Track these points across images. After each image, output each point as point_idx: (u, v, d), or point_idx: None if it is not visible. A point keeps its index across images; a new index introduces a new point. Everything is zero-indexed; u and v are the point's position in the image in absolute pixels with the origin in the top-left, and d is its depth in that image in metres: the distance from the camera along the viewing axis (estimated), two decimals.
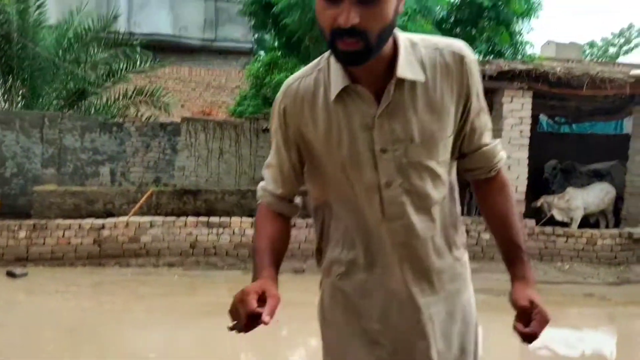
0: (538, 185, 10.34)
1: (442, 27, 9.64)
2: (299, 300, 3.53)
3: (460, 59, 1.36)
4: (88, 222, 7.51)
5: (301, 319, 5.88)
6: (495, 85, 8.75)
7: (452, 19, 9.79)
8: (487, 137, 1.47)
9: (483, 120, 1.45)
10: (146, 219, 7.68)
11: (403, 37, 1.34)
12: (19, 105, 11.37)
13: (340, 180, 1.38)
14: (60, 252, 7.26)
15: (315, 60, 1.42)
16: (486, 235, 8.28)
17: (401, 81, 1.30)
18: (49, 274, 6.92)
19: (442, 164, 1.39)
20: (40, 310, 5.69)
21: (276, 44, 8.96)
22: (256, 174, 10.69)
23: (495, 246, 1.52)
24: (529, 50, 9.99)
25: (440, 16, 8.56)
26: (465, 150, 1.45)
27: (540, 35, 68.18)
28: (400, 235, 1.36)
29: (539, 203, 9.19)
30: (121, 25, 14.23)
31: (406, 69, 1.29)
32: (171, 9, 17.11)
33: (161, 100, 12.27)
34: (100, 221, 7.55)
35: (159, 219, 7.70)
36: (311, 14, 7.79)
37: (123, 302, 6.23)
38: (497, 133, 8.79)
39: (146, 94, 12.28)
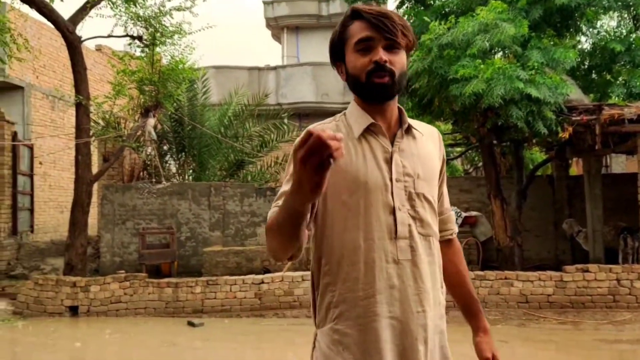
0: None
1: (575, 75, 9.64)
2: None
3: (437, 133, 1.73)
4: (250, 277, 8.56)
5: None
6: (637, 128, 8.52)
7: (584, 66, 9.74)
8: (448, 204, 1.78)
9: (445, 187, 1.76)
10: (298, 273, 8.54)
11: None
12: (190, 177, 13.19)
13: (351, 204, 1.52)
14: (228, 305, 8.35)
15: (330, 118, 1.68)
16: None
17: (408, 130, 1.62)
18: (220, 324, 8.00)
19: (435, 204, 1.63)
20: (213, 356, 6.65)
21: (410, 105, 9.57)
22: None
23: None
24: None
25: (571, 65, 8.61)
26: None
27: None
28: (406, 253, 1.52)
29: None
30: (270, 98, 15.86)
31: (410, 122, 1.64)
32: (313, 79, 18.55)
33: None
34: (260, 277, 8.56)
35: (309, 273, 8.48)
36: (437, 79, 8.36)
37: (281, 349, 7.01)
38: None
39: None
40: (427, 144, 1.66)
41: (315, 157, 1.11)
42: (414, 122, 1.66)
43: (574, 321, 7.61)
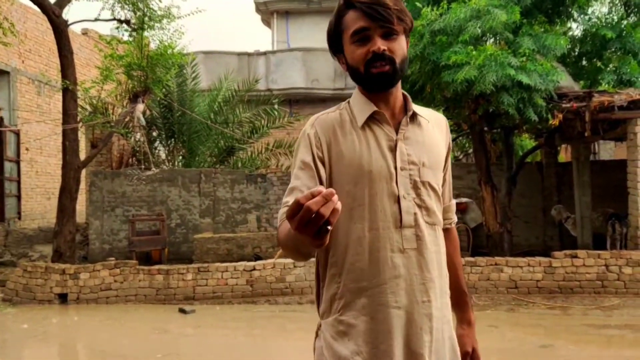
0: None
1: (566, 62, 9.65)
2: None
3: (444, 120, 1.71)
4: (241, 264, 8.55)
5: None
6: (628, 115, 8.58)
7: (575, 53, 9.76)
8: (451, 192, 1.75)
9: (450, 175, 1.72)
10: (290, 260, 8.53)
11: None
12: (180, 164, 13.10)
13: (355, 193, 1.51)
14: (220, 292, 8.34)
15: (335, 106, 1.65)
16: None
17: (413, 117, 1.59)
18: (211, 310, 8.00)
19: (440, 192, 1.62)
20: (205, 342, 6.66)
21: None
22: None
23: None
24: None
25: (562, 52, 8.61)
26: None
27: None
28: (412, 242, 1.50)
29: None
30: (260, 84, 15.75)
31: (416, 109, 1.61)
32: (304, 64, 18.41)
33: None
34: (251, 263, 8.55)
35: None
36: (430, 65, 8.34)
37: (272, 335, 7.03)
38: (633, 164, 8.55)
39: (285, 146, 13.50)
40: (433, 131, 1.63)
41: (311, 227, 1.06)
42: (419, 109, 1.64)
43: (562, 306, 7.69)
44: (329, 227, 1.07)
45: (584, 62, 9.98)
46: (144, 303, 8.32)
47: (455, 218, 1.78)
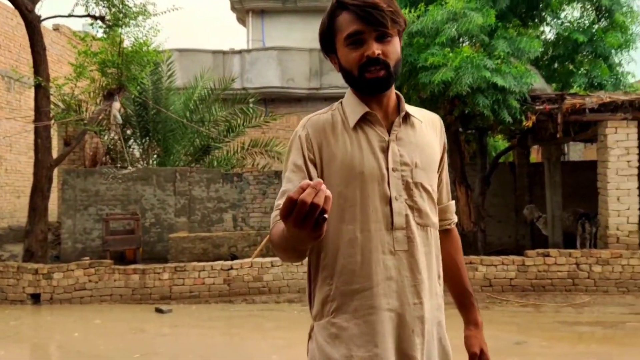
0: None
1: (539, 65, 9.86)
2: None
3: (439, 120, 1.70)
4: (218, 263, 8.51)
5: None
6: (598, 118, 8.80)
7: (548, 56, 9.98)
8: (449, 193, 1.74)
9: (447, 175, 1.72)
10: (267, 259, 8.53)
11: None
12: (155, 162, 12.96)
13: (347, 195, 1.50)
14: (197, 291, 8.29)
15: (327, 107, 1.63)
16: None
17: (406, 117, 1.58)
18: (188, 310, 7.94)
19: (435, 194, 1.60)
20: (182, 342, 6.61)
21: None
22: None
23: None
24: (630, 81, 9.87)
25: (535, 55, 8.81)
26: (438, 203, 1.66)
27: None
28: (403, 243, 1.49)
29: None
30: (236, 82, 15.66)
31: (409, 109, 1.59)
32: (279, 64, 18.35)
33: (274, 149, 13.40)
34: (228, 263, 8.52)
35: (278, 259, 8.51)
36: (407, 67, 8.43)
37: (250, 334, 7.02)
38: (603, 165, 8.78)
39: (261, 145, 13.48)
40: (426, 132, 1.62)
41: (309, 220, 1.08)
42: (413, 109, 1.63)
43: (535, 304, 7.87)
44: (325, 216, 1.08)
45: (557, 65, 10.23)
46: (119, 303, 8.22)
47: (455, 218, 1.76)
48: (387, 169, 1.52)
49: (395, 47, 1.51)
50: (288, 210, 1.08)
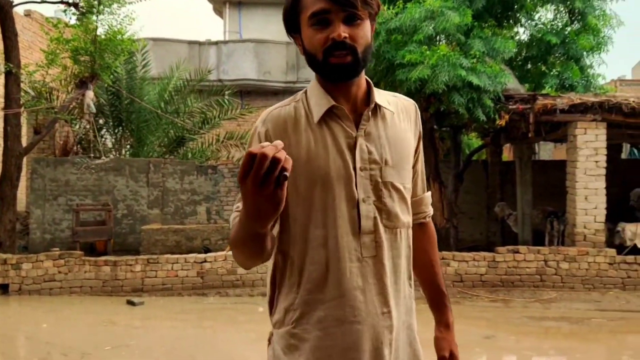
0: (624, 213, 10.32)
1: (513, 65, 10.03)
2: None
3: (414, 107, 1.56)
4: (192, 256, 8.46)
5: None
6: (568, 118, 8.99)
7: (521, 57, 10.16)
8: (424, 184, 1.63)
9: (422, 166, 1.60)
10: None
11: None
12: (127, 153, 12.78)
13: (312, 197, 1.39)
14: (169, 283, 8.24)
15: (290, 97, 1.48)
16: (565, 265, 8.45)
17: (376, 109, 1.43)
18: (161, 302, 7.89)
19: (407, 192, 1.49)
20: (154, 334, 6.57)
21: None
22: None
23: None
24: (601, 83, 10.13)
25: (510, 55, 8.97)
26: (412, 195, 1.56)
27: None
28: (370, 249, 1.39)
29: (619, 229, 9.20)
30: (212, 74, 15.54)
31: (380, 99, 1.44)
32: (255, 56, 18.26)
33: None
34: (202, 255, 8.48)
35: None
36: (384, 63, 8.49)
37: (223, 327, 7.01)
38: (572, 164, 8.99)
39: (236, 138, 13.41)
40: (399, 123, 1.49)
41: (271, 177, 1.04)
42: (385, 96, 1.49)
43: (504, 299, 8.03)
44: (287, 174, 1.04)
45: (530, 66, 10.43)
46: (89, 295, 8.11)
47: (430, 211, 1.65)
48: (355, 168, 1.40)
49: (365, 32, 1.37)
50: (248, 166, 1.04)
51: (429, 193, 1.66)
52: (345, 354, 1.37)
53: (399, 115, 1.49)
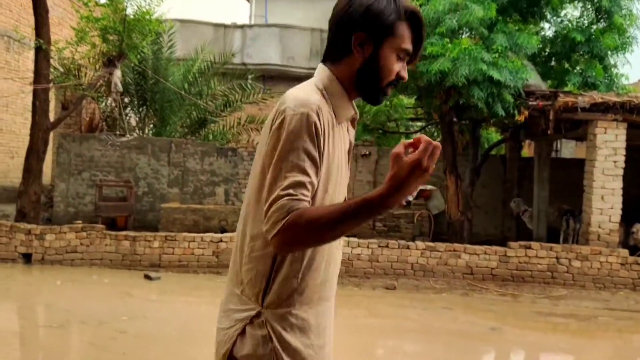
0: None
1: (536, 61, 9.99)
2: (391, 313, 4.13)
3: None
4: (208, 235, 8.68)
5: (396, 330, 6.59)
6: (589, 117, 8.96)
7: (545, 53, 10.10)
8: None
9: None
10: None
11: None
12: (150, 132, 13.03)
13: (331, 193, 1.48)
14: (185, 261, 8.48)
15: (309, 86, 1.48)
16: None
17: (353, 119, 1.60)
18: (176, 278, 8.13)
19: None
20: (169, 308, 6.81)
21: None
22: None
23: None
24: (624, 83, 10.04)
25: (533, 51, 8.93)
26: None
27: None
28: (339, 252, 1.64)
29: (634, 230, 9.18)
30: (235, 57, 15.67)
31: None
32: (280, 41, 18.30)
33: None
34: (218, 235, 8.69)
35: None
36: None
37: None
38: (590, 163, 8.97)
39: (257, 122, 13.57)
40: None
41: (431, 161, 1.24)
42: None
43: (513, 293, 8.11)
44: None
45: (553, 63, 10.36)
46: (109, 267, 8.39)
47: None
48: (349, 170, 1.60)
49: None
50: (422, 153, 1.23)
51: None
52: (326, 329, 1.58)
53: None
